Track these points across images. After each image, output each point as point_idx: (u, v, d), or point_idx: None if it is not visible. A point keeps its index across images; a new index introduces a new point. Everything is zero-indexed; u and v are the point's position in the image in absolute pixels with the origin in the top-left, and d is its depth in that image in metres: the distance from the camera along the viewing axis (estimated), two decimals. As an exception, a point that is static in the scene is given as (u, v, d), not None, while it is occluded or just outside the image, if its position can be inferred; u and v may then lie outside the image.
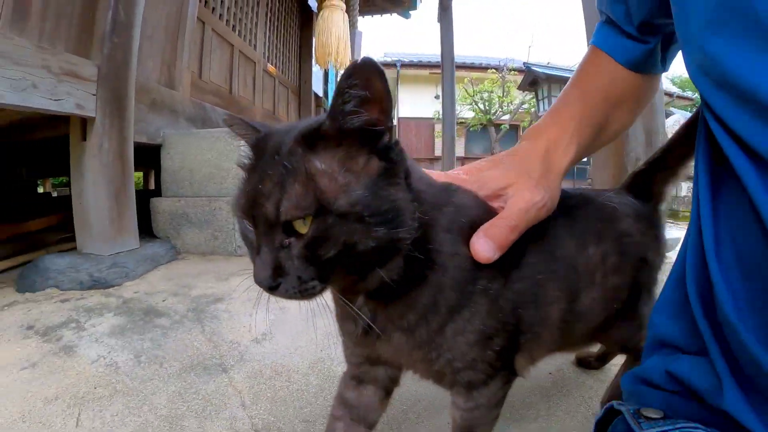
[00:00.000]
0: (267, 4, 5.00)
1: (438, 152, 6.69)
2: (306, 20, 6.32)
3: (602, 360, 1.15)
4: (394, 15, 7.00)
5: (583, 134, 0.69)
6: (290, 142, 0.47)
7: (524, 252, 0.61)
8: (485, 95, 13.35)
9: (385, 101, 0.46)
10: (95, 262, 1.86)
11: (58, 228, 2.62)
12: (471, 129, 14.25)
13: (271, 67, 5.13)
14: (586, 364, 1.15)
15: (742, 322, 0.40)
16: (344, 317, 0.62)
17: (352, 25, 4.91)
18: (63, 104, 1.79)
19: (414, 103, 14.69)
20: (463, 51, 13.31)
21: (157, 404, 0.99)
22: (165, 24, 2.82)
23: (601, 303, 0.73)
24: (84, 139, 2.00)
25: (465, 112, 13.47)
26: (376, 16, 7.19)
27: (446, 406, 0.72)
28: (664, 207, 0.90)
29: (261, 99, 4.80)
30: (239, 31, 4.23)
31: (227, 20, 3.97)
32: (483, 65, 14.06)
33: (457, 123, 8.01)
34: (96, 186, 2.01)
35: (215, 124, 3.22)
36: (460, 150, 13.81)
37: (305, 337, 1.33)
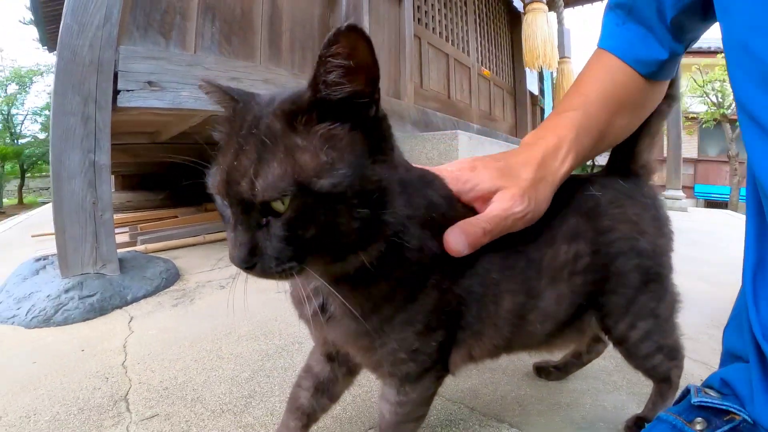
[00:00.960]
0: (475, 12, 5.26)
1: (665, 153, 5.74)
2: (515, 21, 6.37)
3: (563, 369, 1.01)
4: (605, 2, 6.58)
5: (582, 143, 0.67)
6: (269, 116, 0.44)
7: (482, 250, 0.58)
8: (717, 85, 11.00)
9: (371, 70, 0.42)
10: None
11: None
12: (704, 125, 11.66)
13: (485, 71, 5.33)
14: (544, 373, 1.02)
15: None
16: (297, 298, 0.60)
17: (559, 22, 4.82)
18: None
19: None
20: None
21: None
22: (388, 45, 3.26)
23: (568, 302, 0.68)
24: None
25: (695, 105, 11.40)
26: (587, 6, 6.97)
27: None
28: (655, 179, 0.81)
29: (477, 101, 5.02)
30: (452, 41, 4.54)
31: (440, 32, 4.32)
32: (712, 49, 10.86)
33: (687, 119, 6.67)
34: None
35: (437, 127, 3.54)
36: (691, 150, 11.75)
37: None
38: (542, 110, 7.31)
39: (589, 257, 0.67)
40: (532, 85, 6.75)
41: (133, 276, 1.71)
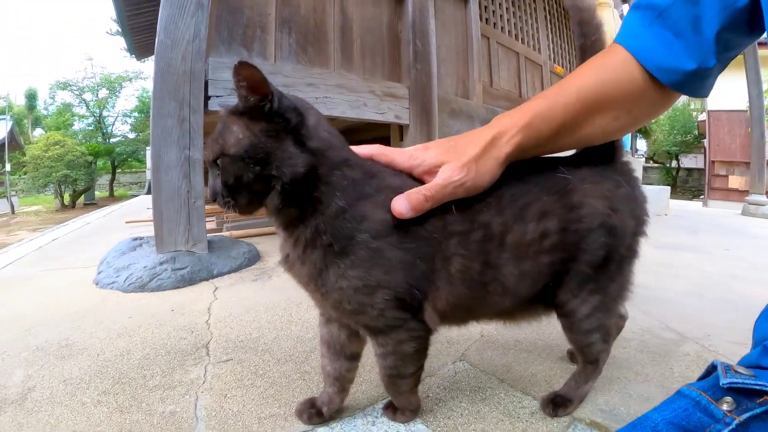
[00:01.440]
0: (545, 8, 5.18)
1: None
2: None
3: None
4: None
5: (535, 129, 0.69)
6: (223, 115, 0.67)
7: (430, 216, 0.67)
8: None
9: (261, 86, 0.61)
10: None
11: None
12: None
13: (557, 67, 5.23)
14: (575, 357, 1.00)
15: None
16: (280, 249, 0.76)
17: (622, 17, 4.64)
18: (386, 116, 2.44)
19: (725, 93, 11.20)
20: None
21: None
22: (455, 47, 3.35)
23: (531, 280, 0.73)
24: (401, 140, 2.68)
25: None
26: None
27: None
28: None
29: (550, 99, 4.95)
30: (522, 39, 4.52)
31: (509, 31, 4.33)
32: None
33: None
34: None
35: (507, 126, 3.56)
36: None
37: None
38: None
39: (558, 235, 0.71)
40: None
41: (219, 255, 1.97)
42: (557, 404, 0.83)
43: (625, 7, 6.55)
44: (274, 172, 0.64)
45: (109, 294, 1.70)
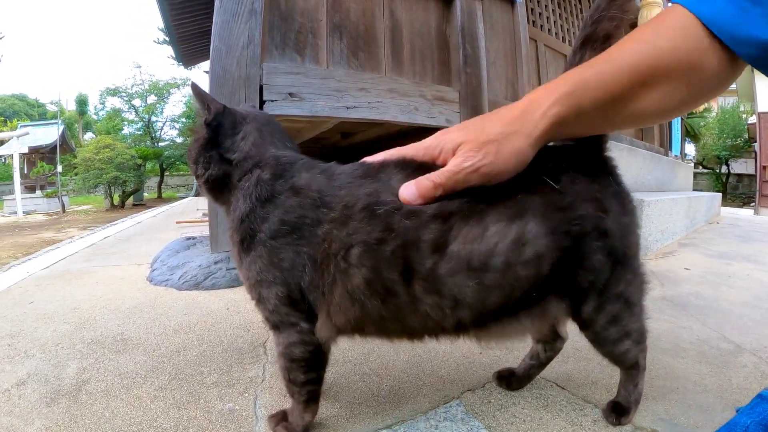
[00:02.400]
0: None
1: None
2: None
3: (524, 375, 0.96)
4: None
5: (579, 99, 0.57)
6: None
7: (329, 220, 0.66)
8: None
9: (204, 102, 0.76)
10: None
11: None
12: None
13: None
14: (504, 382, 0.96)
15: None
16: None
17: None
18: (437, 120, 2.43)
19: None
20: None
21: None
22: (503, 50, 3.31)
23: (500, 291, 0.63)
24: None
25: None
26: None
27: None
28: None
29: (600, 102, 4.83)
30: (569, 41, 4.42)
31: (556, 33, 4.25)
32: None
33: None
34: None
35: (556, 129, 3.50)
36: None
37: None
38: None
39: (544, 239, 0.62)
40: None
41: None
42: (619, 413, 0.81)
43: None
44: (198, 171, 0.80)
45: (163, 291, 1.75)
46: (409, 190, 0.60)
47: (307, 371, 0.74)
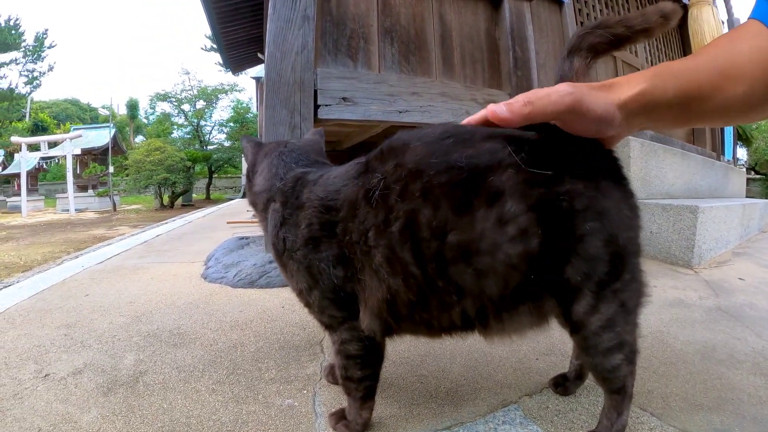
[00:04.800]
0: (638, 9, 4.91)
1: None
2: (683, 15, 5.77)
3: (578, 377, 0.96)
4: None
5: (662, 80, 0.57)
6: None
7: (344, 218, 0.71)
8: None
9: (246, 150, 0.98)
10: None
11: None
12: None
13: (657, 70, 4.94)
14: (561, 388, 0.96)
15: None
16: None
17: (728, 13, 4.31)
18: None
19: None
20: None
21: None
22: (553, 52, 3.26)
23: (501, 279, 0.61)
24: None
25: None
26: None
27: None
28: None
29: (650, 104, 4.68)
30: (618, 42, 4.33)
31: (605, 35, 4.14)
32: None
33: None
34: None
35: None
36: None
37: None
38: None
39: (525, 215, 0.59)
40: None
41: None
42: None
43: (720, 4, 6.10)
44: (249, 199, 0.99)
45: (217, 288, 1.80)
46: (500, 108, 0.59)
47: (362, 367, 0.77)
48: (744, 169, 8.59)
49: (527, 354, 1.13)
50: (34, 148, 17.42)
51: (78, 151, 16.98)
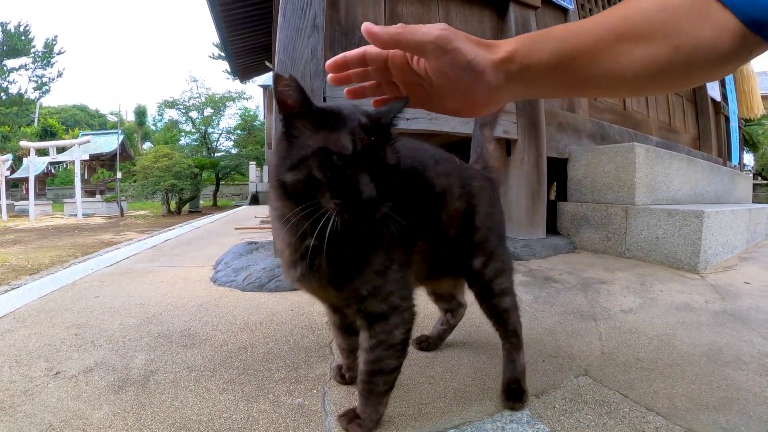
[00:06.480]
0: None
1: None
2: None
3: (437, 337, 1.22)
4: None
5: (539, 43, 0.53)
6: None
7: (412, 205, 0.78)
8: None
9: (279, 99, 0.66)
10: (512, 242, 2.40)
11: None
12: None
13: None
14: (424, 344, 1.21)
15: None
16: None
17: None
18: (495, 131, 2.45)
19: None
20: None
21: (545, 323, 1.39)
22: (557, 61, 3.30)
23: (451, 248, 0.89)
24: (508, 154, 2.68)
25: None
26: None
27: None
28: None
29: (655, 112, 4.67)
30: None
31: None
32: None
33: None
34: (518, 189, 2.63)
35: (613, 140, 3.46)
36: None
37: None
38: (726, 118, 6.22)
39: (459, 189, 0.89)
40: (712, 90, 5.86)
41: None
42: (514, 398, 0.92)
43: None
44: None
45: (227, 291, 1.82)
46: (376, 26, 0.56)
47: (400, 355, 0.79)
48: (751, 175, 8.53)
49: (534, 356, 1.15)
50: (42, 152, 17.53)
51: (86, 157, 17.04)
